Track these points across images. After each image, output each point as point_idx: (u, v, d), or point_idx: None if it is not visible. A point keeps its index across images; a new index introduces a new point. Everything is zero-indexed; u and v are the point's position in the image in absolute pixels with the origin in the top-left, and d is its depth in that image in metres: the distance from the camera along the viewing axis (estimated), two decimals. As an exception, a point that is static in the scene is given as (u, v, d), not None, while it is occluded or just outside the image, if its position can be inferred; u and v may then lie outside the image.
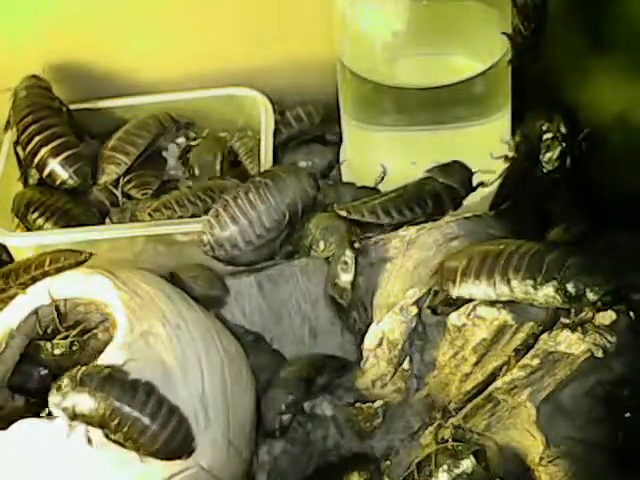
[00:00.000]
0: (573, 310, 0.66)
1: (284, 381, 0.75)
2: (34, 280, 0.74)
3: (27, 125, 0.86)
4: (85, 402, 0.62)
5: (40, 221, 0.84)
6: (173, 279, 0.77)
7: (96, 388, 0.62)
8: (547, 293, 0.65)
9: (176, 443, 0.63)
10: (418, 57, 0.79)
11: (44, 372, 0.73)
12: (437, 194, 0.80)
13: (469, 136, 0.82)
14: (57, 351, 0.71)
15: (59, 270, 0.76)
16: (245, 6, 0.90)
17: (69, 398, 0.62)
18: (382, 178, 0.84)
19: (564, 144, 0.82)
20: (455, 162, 0.82)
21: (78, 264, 0.77)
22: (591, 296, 0.64)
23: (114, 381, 0.62)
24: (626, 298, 0.65)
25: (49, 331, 0.72)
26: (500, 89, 0.82)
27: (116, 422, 0.61)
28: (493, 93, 0.81)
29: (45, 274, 0.75)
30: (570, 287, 0.64)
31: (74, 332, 0.71)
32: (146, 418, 0.62)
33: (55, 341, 0.71)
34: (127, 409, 0.62)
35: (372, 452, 0.75)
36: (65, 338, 0.71)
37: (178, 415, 0.64)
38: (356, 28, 0.79)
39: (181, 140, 0.94)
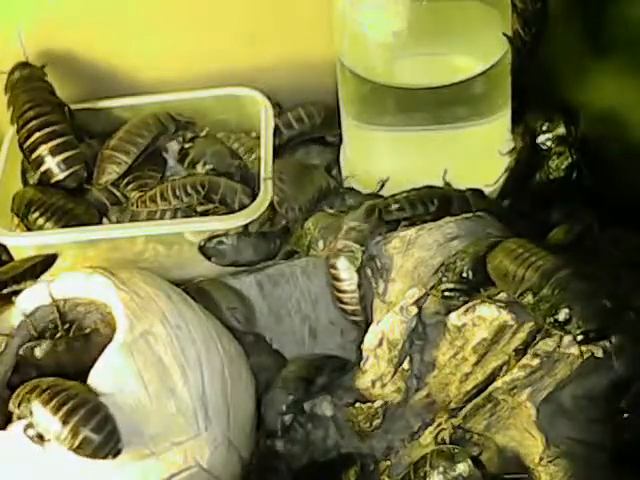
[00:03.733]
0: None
1: (284, 381, 0.75)
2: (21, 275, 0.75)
3: (28, 120, 0.86)
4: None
5: (40, 221, 0.83)
6: (208, 303, 0.77)
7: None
8: (543, 309, 0.65)
9: (98, 440, 0.62)
10: (418, 57, 0.79)
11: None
12: (448, 198, 0.81)
13: (469, 136, 0.82)
14: (39, 353, 0.70)
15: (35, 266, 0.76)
16: (245, 6, 0.90)
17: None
18: (382, 185, 0.84)
19: (575, 156, 0.83)
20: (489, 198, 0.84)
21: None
22: (573, 328, 0.64)
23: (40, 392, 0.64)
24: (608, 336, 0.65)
25: (48, 332, 0.72)
26: (500, 89, 0.82)
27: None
28: (493, 93, 0.81)
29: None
30: (560, 311, 0.64)
31: (58, 334, 0.71)
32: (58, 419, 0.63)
33: (32, 343, 0.70)
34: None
35: (372, 452, 0.75)
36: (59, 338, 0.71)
37: (102, 412, 0.63)
38: (356, 28, 0.79)
39: (181, 140, 0.94)
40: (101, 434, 0.62)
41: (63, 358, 0.70)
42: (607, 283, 0.67)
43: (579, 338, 0.64)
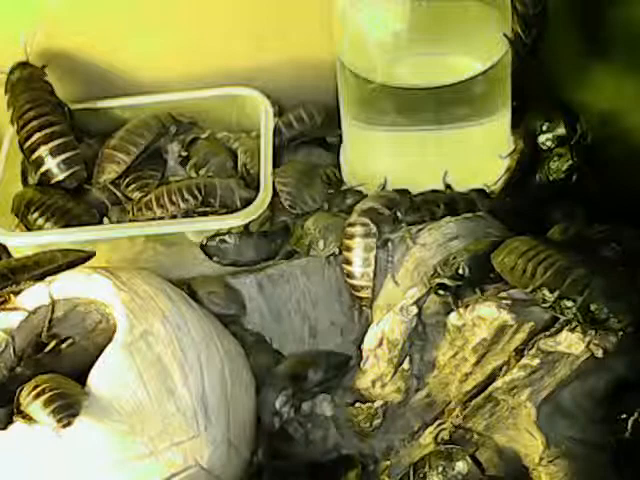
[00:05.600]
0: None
1: (273, 381, 0.75)
2: (44, 275, 0.74)
3: (28, 121, 0.86)
4: None
5: (40, 221, 0.83)
6: (189, 292, 0.78)
7: None
8: (565, 307, 0.65)
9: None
10: (418, 57, 0.79)
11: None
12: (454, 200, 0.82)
13: (469, 136, 0.82)
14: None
15: (71, 264, 0.75)
16: (245, 6, 0.90)
17: None
18: (383, 187, 0.84)
19: (575, 158, 0.83)
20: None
21: (88, 258, 0.76)
22: (615, 324, 0.63)
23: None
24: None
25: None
26: (500, 89, 0.82)
27: None
28: (493, 93, 0.81)
29: (59, 268, 0.74)
30: (594, 309, 0.64)
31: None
32: None
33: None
34: None
35: (372, 452, 0.75)
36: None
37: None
38: (356, 28, 0.79)
39: (181, 142, 0.94)
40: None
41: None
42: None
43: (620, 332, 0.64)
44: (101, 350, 0.66)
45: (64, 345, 0.71)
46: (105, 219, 0.88)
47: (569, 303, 0.64)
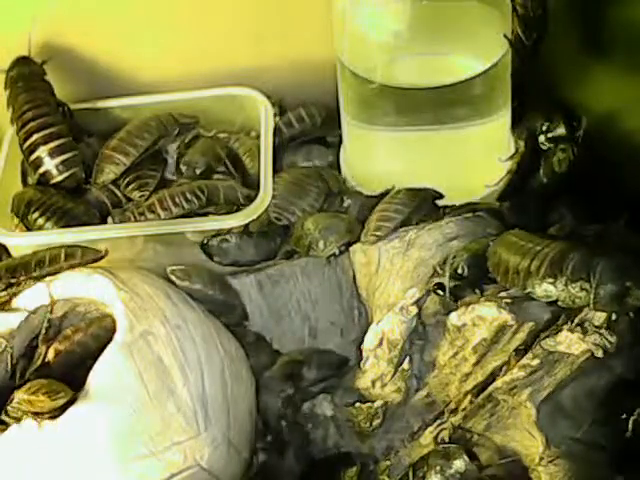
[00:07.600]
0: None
1: (271, 382, 0.75)
2: (46, 276, 0.73)
3: (27, 121, 0.86)
4: None
5: (40, 221, 0.83)
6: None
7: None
8: (573, 293, 0.64)
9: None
10: (418, 57, 0.79)
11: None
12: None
13: (469, 136, 0.82)
14: None
15: (73, 267, 0.74)
16: (245, 6, 0.90)
17: None
18: (388, 191, 0.84)
19: (575, 151, 0.83)
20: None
21: (95, 260, 0.76)
22: (634, 301, 0.62)
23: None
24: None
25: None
26: (500, 89, 0.82)
27: None
28: (493, 93, 0.81)
29: (59, 270, 0.74)
30: (608, 290, 0.62)
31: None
32: None
33: None
34: None
35: (372, 452, 0.75)
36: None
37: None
38: (356, 28, 0.79)
39: (180, 143, 0.94)
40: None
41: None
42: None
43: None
44: (101, 350, 0.66)
45: (50, 356, 0.70)
46: (109, 219, 0.88)
47: (579, 292, 0.63)
